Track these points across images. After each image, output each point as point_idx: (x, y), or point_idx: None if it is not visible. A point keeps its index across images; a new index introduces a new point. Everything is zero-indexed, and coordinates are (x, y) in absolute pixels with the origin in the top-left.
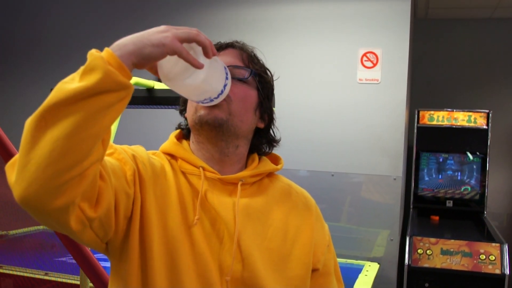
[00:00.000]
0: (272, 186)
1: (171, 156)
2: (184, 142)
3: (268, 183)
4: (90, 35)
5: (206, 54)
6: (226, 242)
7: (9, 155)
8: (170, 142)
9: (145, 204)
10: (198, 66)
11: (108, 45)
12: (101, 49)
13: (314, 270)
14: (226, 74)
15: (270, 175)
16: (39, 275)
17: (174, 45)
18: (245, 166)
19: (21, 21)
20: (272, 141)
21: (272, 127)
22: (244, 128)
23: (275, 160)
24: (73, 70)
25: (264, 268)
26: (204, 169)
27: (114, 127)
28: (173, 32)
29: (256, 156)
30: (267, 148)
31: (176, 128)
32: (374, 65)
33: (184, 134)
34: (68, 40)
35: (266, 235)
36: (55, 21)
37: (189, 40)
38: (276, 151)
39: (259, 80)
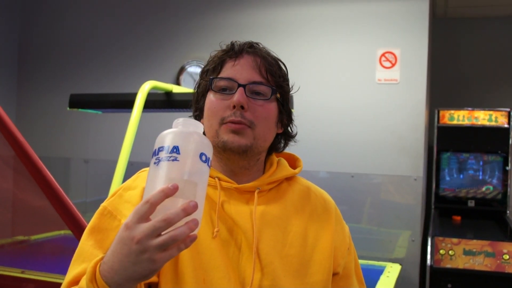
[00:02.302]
0: (291, 190)
1: None
2: None
3: (286, 187)
4: (107, 39)
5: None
6: (244, 251)
7: (30, 162)
8: None
9: None
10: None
11: (124, 50)
12: (118, 55)
13: (334, 274)
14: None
15: (288, 178)
16: (60, 279)
17: (164, 262)
18: (263, 170)
19: (39, 27)
20: (289, 137)
21: (291, 126)
22: (267, 145)
23: (294, 161)
24: (93, 74)
25: (284, 275)
26: (219, 179)
27: (132, 133)
28: (152, 251)
29: (274, 160)
30: (283, 144)
31: (194, 116)
32: (393, 65)
33: None
34: (86, 45)
35: (286, 242)
36: (73, 26)
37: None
38: (295, 152)
39: (279, 91)
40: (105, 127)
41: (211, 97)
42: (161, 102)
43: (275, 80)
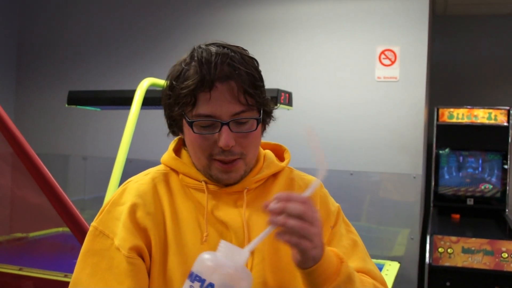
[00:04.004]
0: (277, 184)
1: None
2: (184, 153)
3: (272, 181)
4: (106, 37)
5: None
6: None
7: (28, 159)
8: (169, 156)
9: (157, 243)
10: None
11: (123, 47)
12: (116, 52)
13: None
14: None
15: None
16: (58, 277)
17: None
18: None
19: (38, 24)
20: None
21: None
22: (256, 158)
23: (281, 153)
24: (91, 72)
25: (276, 271)
26: (206, 182)
27: (130, 130)
28: None
29: (261, 154)
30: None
31: (171, 131)
32: (393, 62)
33: (184, 142)
34: (84, 42)
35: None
36: (72, 24)
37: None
38: (294, 149)
39: (262, 108)
40: (104, 124)
41: (192, 133)
42: (160, 99)
43: (255, 99)
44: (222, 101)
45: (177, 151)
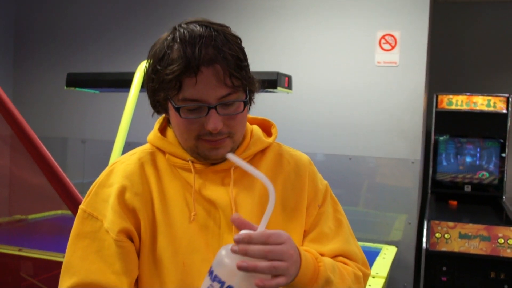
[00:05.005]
0: (264, 159)
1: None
2: (169, 132)
3: (260, 156)
4: (106, 19)
5: None
6: (224, 229)
7: (28, 140)
8: (155, 136)
9: (146, 223)
10: None
11: (123, 29)
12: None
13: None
14: None
15: None
16: (58, 257)
17: None
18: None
19: (37, 8)
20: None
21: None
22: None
23: (268, 128)
24: (89, 56)
25: None
26: (193, 161)
27: (129, 113)
28: None
29: (248, 130)
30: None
31: (156, 111)
32: (393, 47)
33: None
34: (84, 24)
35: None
36: (71, 5)
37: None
38: (294, 134)
39: (248, 88)
40: (103, 107)
41: (178, 116)
42: None
43: (241, 81)
44: (208, 86)
45: (162, 130)
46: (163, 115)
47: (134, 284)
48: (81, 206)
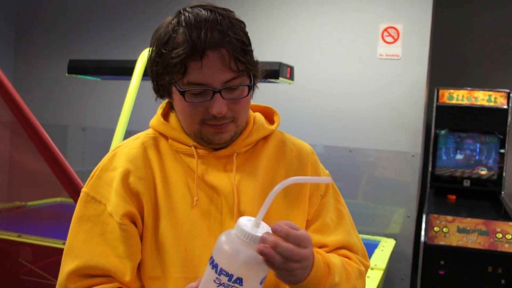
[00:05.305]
0: (267, 147)
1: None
2: (172, 117)
3: (262, 144)
4: (108, 5)
5: None
6: (226, 215)
7: (30, 126)
8: (157, 121)
9: (149, 208)
10: None
11: (125, 16)
12: (118, 22)
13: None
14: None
15: None
16: (57, 244)
17: None
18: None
19: None
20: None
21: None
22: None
23: (271, 116)
24: (91, 43)
25: None
26: (196, 147)
27: (131, 101)
28: None
29: (250, 117)
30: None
31: (159, 95)
32: (395, 40)
33: (172, 106)
34: (86, 11)
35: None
36: None
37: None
38: (294, 125)
39: (252, 73)
40: (104, 95)
41: (183, 101)
42: None
43: (245, 66)
44: (213, 70)
45: (165, 115)
46: (166, 101)
47: (137, 268)
48: (83, 189)
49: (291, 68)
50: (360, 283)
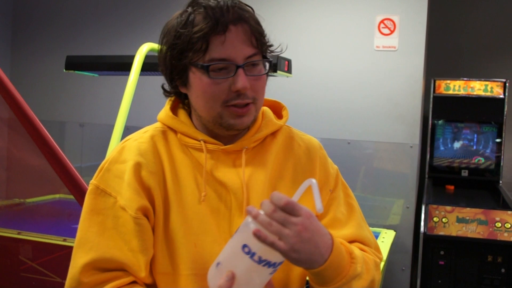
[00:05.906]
0: (275, 142)
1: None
2: (181, 112)
3: (271, 139)
4: (106, 4)
5: None
6: (235, 212)
7: (29, 122)
8: (166, 115)
9: (160, 202)
10: None
11: (123, 11)
12: (116, 18)
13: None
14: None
15: None
16: (57, 240)
17: None
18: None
19: None
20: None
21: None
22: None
23: (279, 110)
24: (89, 39)
25: None
26: (205, 141)
27: (129, 96)
28: None
29: (259, 112)
30: None
31: (172, 85)
32: (392, 32)
33: (180, 100)
34: (83, 5)
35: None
36: None
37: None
38: (292, 118)
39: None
40: (102, 90)
41: (204, 79)
42: (157, 65)
43: (264, 44)
44: (236, 44)
45: (173, 109)
46: (174, 98)
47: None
48: (93, 182)
49: (289, 62)
50: (377, 274)
